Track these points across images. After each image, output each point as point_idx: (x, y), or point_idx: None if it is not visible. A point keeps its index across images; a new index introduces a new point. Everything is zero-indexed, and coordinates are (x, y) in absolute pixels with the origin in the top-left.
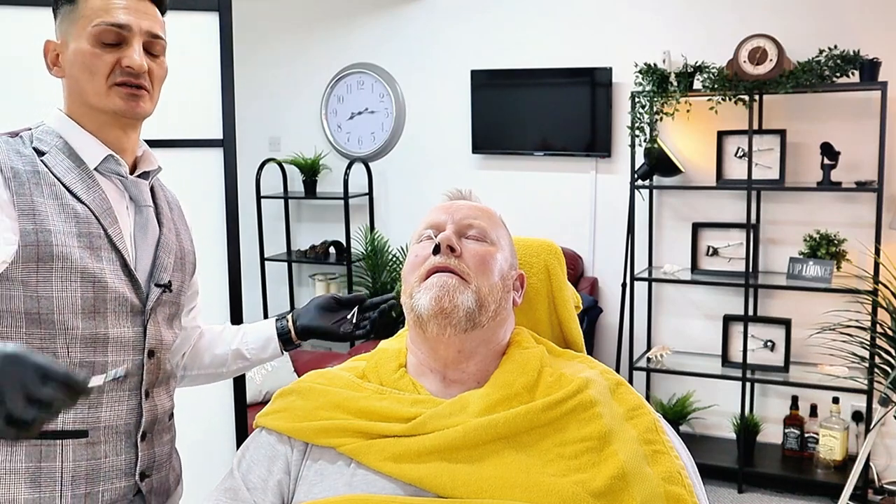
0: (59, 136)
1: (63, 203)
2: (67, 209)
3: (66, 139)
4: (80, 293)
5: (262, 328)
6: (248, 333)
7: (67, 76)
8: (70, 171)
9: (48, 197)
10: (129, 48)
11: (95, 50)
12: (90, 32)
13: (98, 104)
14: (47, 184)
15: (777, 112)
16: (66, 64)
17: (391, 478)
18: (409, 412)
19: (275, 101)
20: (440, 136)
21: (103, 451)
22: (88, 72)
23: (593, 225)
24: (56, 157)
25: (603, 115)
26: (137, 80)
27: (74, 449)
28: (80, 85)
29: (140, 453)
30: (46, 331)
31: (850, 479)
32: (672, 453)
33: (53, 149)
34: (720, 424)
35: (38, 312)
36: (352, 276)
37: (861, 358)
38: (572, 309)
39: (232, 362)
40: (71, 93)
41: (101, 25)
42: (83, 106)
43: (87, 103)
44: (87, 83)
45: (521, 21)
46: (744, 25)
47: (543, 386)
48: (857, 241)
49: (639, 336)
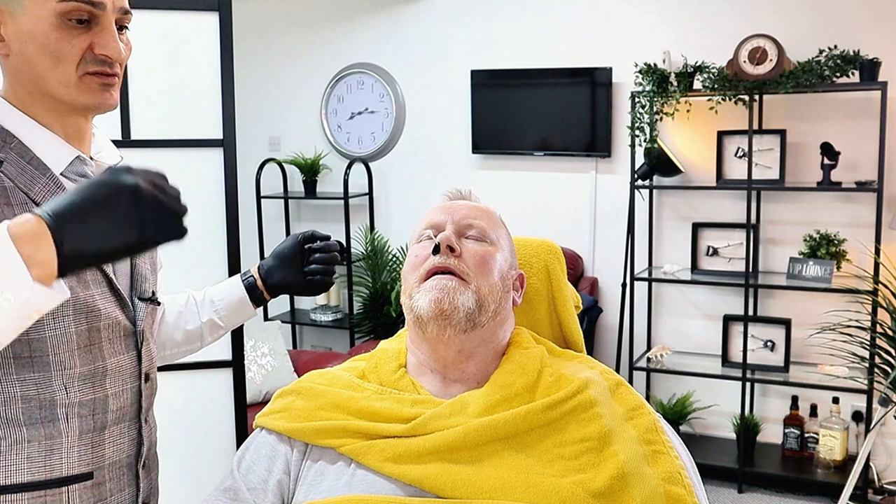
0: (11, 136)
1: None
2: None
3: (21, 139)
4: (74, 327)
5: (231, 292)
6: (216, 301)
7: (14, 56)
8: (34, 180)
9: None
10: (104, 31)
11: (61, 31)
12: (55, 9)
13: (64, 96)
14: (17, 203)
15: (777, 112)
16: (13, 41)
17: (391, 478)
18: (409, 412)
19: (275, 101)
20: (440, 136)
21: (108, 490)
22: (51, 57)
23: (593, 225)
24: (16, 165)
25: (603, 115)
26: (112, 70)
27: (80, 493)
28: (37, 71)
29: (141, 483)
30: (41, 374)
31: (850, 479)
32: (672, 453)
33: (11, 154)
34: (720, 424)
35: (31, 356)
36: (352, 277)
37: (861, 358)
38: (572, 309)
39: (207, 334)
40: (17, 76)
41: (72, 1)
42: (36, 93)
43: (44, 91)
44: (50, 70)
45: (521, 21)
46: (744, 25)
47: (543, 386)
48: (857, 241)
49: (639, 336)
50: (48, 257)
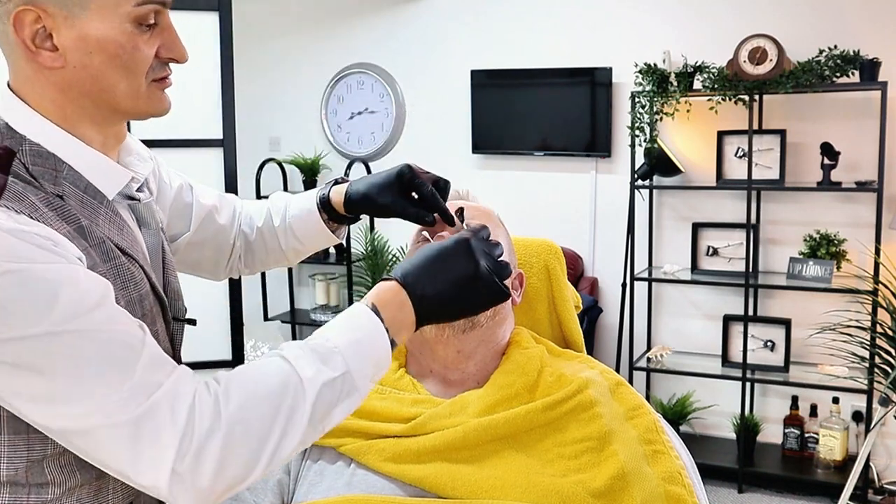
0: (60, 162)
1: (117, 265)
2: (123, 272)
3: (70, 164)
4: None
5: (304, 200)
6: (290, 207)
7: (70, 68)
8: (96, 213)
9: (103, 262)
10: (168, 31)
11: (135, 39)
12: (131, 14)
13: (130, 108)
14: (95, 243)
15: (777, 112)
16: (72, 51)
17: (391, 478)
18: (408, 412)
19: (275, 101)
20: (440, 136)
21: None
22: (124, 68)
23: (593, 225)
24: (74, 196)
25: (603, 115)
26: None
27: None
28: (103, 84)
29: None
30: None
31: (850, 479)
32: (672, 453)
33: (65, 185)
34: (720, 424)
35: None
36: (352, 277)
37: (861, 358)
38: (572, 309)
39: (293, 256)
40: (69, 90)
41: (148, 5)
42: (91, 106)
43: (107, 104)
44: (119, 82)
45: (521, 21)
46: (744, 25)
47: (543, 386)
48: (857, 241)
49: (639, 336)
50: (409, 329)
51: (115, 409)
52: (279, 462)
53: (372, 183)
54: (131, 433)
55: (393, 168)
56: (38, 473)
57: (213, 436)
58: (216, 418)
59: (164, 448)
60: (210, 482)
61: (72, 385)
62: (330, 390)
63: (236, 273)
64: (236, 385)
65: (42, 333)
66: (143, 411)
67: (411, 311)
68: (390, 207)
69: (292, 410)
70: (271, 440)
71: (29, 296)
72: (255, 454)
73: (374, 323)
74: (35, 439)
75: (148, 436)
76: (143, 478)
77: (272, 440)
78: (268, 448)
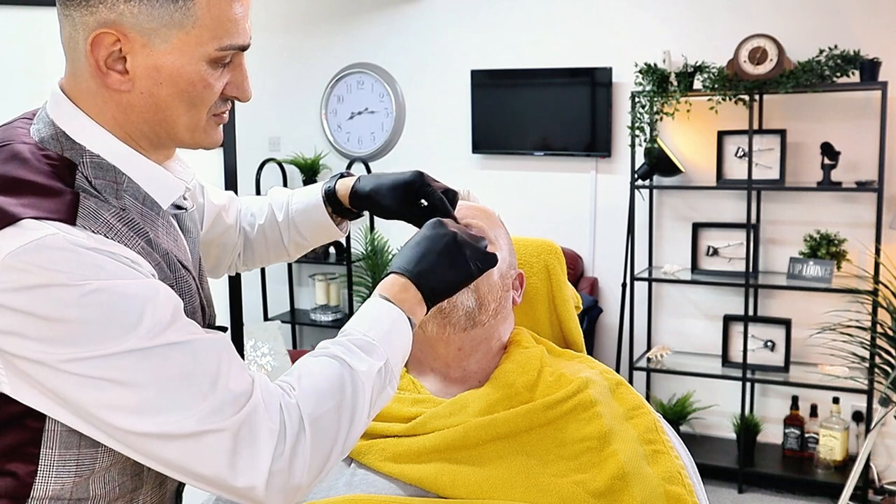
0: (120, 173)
1: (177, 277)
2: (182, 284)
3: (129, 175)
4: None
5: (308, 194)
6: (293, 201)
7: (137, 94)
8: (154, 224)
9: (169, 275)
10: (239, 70)
11: (207, 77)
12: (211, 55)
13: (186, 140)
14: (161, 255)
15: (777, 112)
16: (142, 79)
17: (391, 478)
18: (409, 412)
19: (275, 101)
20: (440, 136)
21: None
22: (189, 103)
23: (593, 225)
24: (135, 209)
25: (603, 115)
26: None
27: None
28: (165, 114)
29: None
30: None
31: (850, 479)
32: (672, 453)
33: (126, 198)
34: (720, 424)
35: None
36: (352, 277)
37: (861, 358)
38: (572, 309)
39: (294, 251)
40: (131, 113)
41: (230, 50)
42: (150, 131)
43: (165, 133)
44: (182, 115)
45: (521, 21)
46: (744, 25)
47: (543, 386)
48: (857, 241)
49: (639, 336)
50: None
51: (213, 415)
52: (349, 450)
53: (381, 183)
54: (232, 438)
55: (405, 172)
56: (83, 489)
57: (302, 435)
58: (301, 419)
59: (260, 450)
60: (301, 478)
61: (165, 396)
62: (379, 379)
63: (234, 270)
64: (306, 386)
65: (129, 350)
66: (244, 416)
67: (416, 291)
68: (395, 209)
69: (355, 402)
70: (342, 432)
71: (116, 313)
72: (333, 447)
73: (396, 312)
74: (86, 455)
75: (247, 439)
76: (240, 480)
77: (343, 432)
78: (340, 439)
